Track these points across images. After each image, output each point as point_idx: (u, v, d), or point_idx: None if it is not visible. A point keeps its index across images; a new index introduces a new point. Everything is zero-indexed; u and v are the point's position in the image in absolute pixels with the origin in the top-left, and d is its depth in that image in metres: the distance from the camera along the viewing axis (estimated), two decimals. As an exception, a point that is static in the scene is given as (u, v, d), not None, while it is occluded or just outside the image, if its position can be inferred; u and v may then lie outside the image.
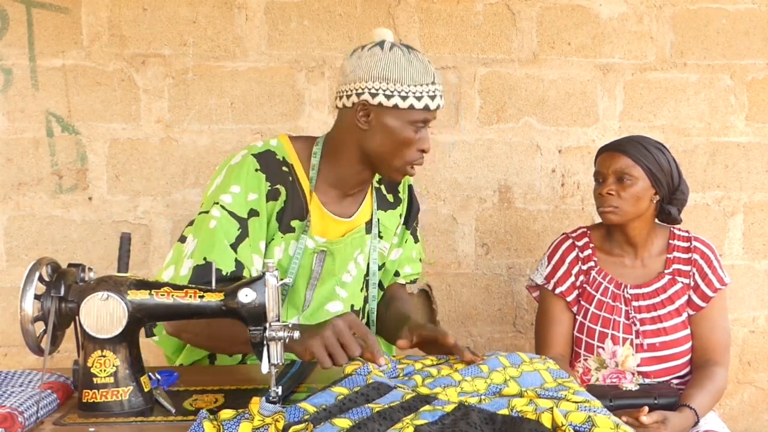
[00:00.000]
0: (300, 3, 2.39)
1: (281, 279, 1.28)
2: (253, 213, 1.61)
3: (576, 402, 1.22)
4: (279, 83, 2.39)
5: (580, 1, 2.50)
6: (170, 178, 2.38)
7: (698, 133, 2.57)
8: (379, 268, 1.81)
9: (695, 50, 2.55)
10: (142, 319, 1.29)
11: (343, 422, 1.07)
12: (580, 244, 2.04)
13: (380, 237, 1.78)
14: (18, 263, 2.34)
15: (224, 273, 1.55)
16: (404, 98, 1.55)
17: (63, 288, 1.27)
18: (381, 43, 1.60)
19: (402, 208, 1.85)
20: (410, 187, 1.88)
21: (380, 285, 1.85)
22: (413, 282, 1.94)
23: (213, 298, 1.30)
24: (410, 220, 1.87)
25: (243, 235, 1.59)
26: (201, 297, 1.30)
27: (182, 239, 1.68)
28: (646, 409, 1.75)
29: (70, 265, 1.33)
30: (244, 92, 2.38)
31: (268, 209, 1.63)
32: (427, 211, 2.44)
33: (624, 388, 1.86)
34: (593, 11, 2.51)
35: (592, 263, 2.01)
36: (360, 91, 1.57)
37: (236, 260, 1.57)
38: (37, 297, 1.25)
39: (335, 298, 1.71)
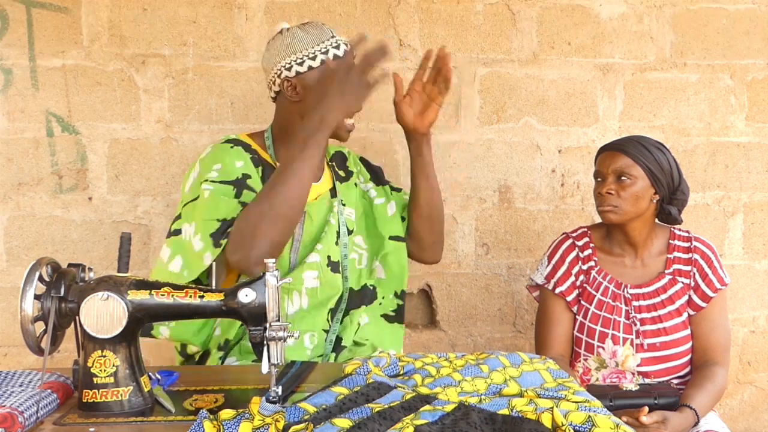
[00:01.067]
0: (300, 3, 2.39)
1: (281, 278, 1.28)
2: (245, 176, 1.72)
3: (576, 402, 1.22)
4: (279, 83, 2.39)
5: (580, 1, 2.50)
6: (170, 178, 2.38)
7: (698, 133, 2.57)
8: (350, 233, 1.89)
9: (695, 50, 2.55)
10: (142, 319, 1.29)
11: (343, 422, 1.07)
12: (580, 243, 2.04)
13: (342, 204, 1.89)
14: (18, 263, 2.34)
15: (234, 218, 1.63)
16: (313, 58, 1.75)
17: (63, 288, 1.27)
18: (280, 31, 1.81)
19: (358, 177, 1.98)
20: (362, 159, 2.05)
21: (397, 239, 1.95)
22: None
23: (213, 298, 1.30)
24: (381, 178, 2.03)
25: (240, 192, 1.68)
26: (201, 297, 1.30)
27: (175, 233, 1.71)
28: (646, 409, 1.75)
29: (70, 265, 1.33)
30: (244, 92, 2.38)
31: (258, 173, 1.75)
32: (427, 211, 2.44)
33: (624, 388, 1.86)
34: (593, 11, 2.51)
35: (592, 263, 2.01)
36: (278, 72, 1.77)
37: (240, 202, 1.65)
38: (37, 297, 1.25)
39: (313, 251, 1.79)
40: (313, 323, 1.79)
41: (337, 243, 1.83)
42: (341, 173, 1.96)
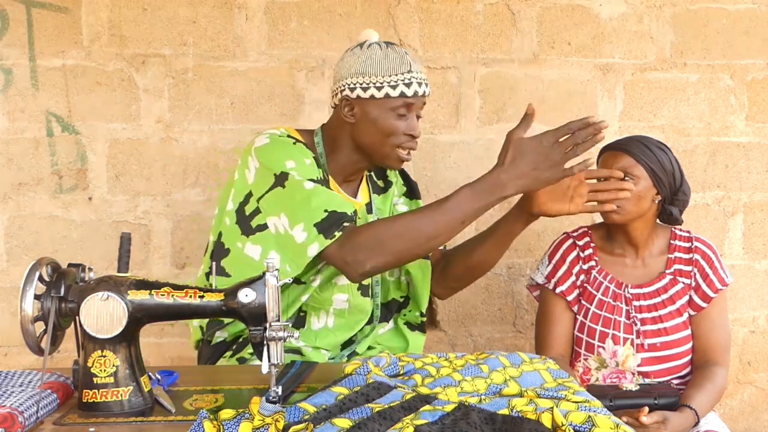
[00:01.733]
0: (300, 3, 2.39)
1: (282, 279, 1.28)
2: (320, 180, 1.69)
3: (576, 402, 1.22)
4: (279, 83, 2.39)
5: (580, 1, 2.50)
6: (170, 178, 2.37)
7: (698, 133, 2.57)
8: None
9: (695, 50, 2.54)
10: (142, 319, 1.29)
11: (343, 422, 1.07)
12: (581, 243, 2.04)
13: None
14: (18, 263, 2.34)
15: (349, 214, 1.60)
16: (379, 88, 1.67)
17: (63, 288, 1.27)
18: (362, 44, 1.73)
19: (395, 189, 1.93)
20: (402, 171, 1.96)
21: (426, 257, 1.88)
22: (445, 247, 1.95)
23: (213, 298, 1.30)
24: (414, 191, 1.96)
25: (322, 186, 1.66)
26: (201, 297, 1.30)
27: (259, 228, 1.66)
28: (647, 409, 1.75)
29: (70, 265, 1.33)
30: (244, 92, 2.38)
31: (320, 172, 1.72)
32: (427, 211, 2.44)
33: (624, 388, 1.86)
34: (593, 11, 2.50)
35: (593, 263, 2.01)
36: (342, 88, 1.71)
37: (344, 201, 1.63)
38: (37, 297, 1.25)
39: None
40: (335, 342, 1.78)
41: None
42: (380, 183, 1.92)
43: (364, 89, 1.68)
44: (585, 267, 2.01)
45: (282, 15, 2.38)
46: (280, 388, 1.25)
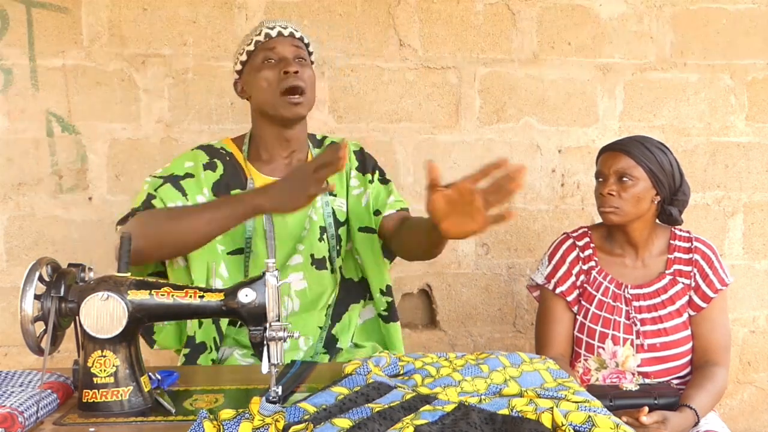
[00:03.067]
0: (300, 3, 2.39)
1: (277, 276, 1.28)
2: (188, 175, 1.73)
3: (576, 402, 1.22)
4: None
5: (580, 1, 2.50)
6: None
7: (698, 133, 2.57)
8: (343, 224, 1.86)
9: (695, 50, 2.55)
10: (142, 319, 1.29)
11: (343, 422, 1.07)
12: (580, 243, 2.04)
13: (333, 195, 1.85)
14: (18, 263, 2.34)
15: (134, 207, 1.66)
16: (241, 54, 1.78)
17: (63, 288, 1.27)
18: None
19: (349, 165, 1.89)
20: (358, 150, 1.92)
21: (366, 230, 1.85)
22: (405, 209, 1.87)
23: (213, 298, 1.30)
24: (366, 167, 1.90)
25: (162, 184, 1.69)
26: (201, 297, 1.30)
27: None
28: (646, 409, 1.75)
29: (70, 265, 1.33)
30: (244, 92, 2.38)
31: (206, 177, 1.74)
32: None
33: (624, 388, 1.86)
34: (593, 11, 2.51)
35: (592, 263, 2.01)
36: (233, 81, 1.84)
37: (148, 193, 1.67)
38: (37, 297, 1.25)
39: (295, 253, 1.78)
40: (306, 325, 1.78)
41: (321, 239, 1.81)
42: None
43: (236, 63, 1.81)
44: (585, 267, 2.01)
45: (282, 15, 2.38)
46: (280, 388, 1.25)
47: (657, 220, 2.02)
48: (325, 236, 1.82)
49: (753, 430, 2.67)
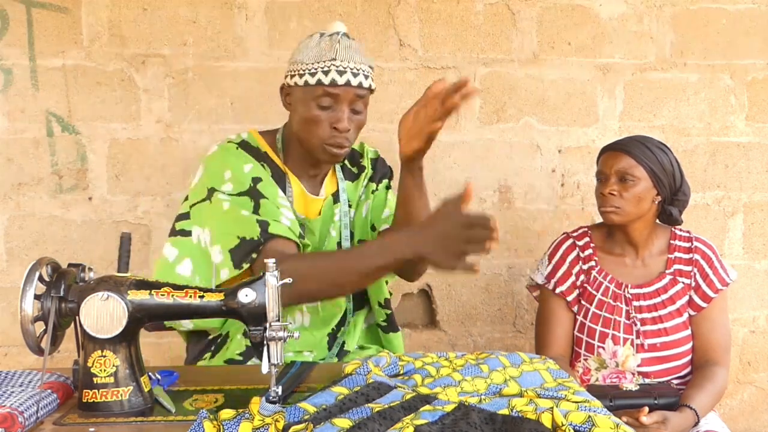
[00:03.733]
0: (300, 3, 2.39)
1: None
2: (256, 180, 1.66)
3: (576, 402, 1.22)
4: (279, 83, 2.37)
5: (580, 1, 2.50)
6: (170, 178, 2.37)
7: (698, 133, 2.57)
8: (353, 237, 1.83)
9: (695, 50, 2.54)
10: (142, 319, 1.29)
11: (343, 422, 1.07)
12: (580, 243, 2.03)
13: (350, 206, 1.82)
14: (18, 263, 2.34)
15: (252, 239, 1.58)
16: (301, 76, 1.63)
17: (63, 288, 1.27)
18: (312, 35, 1.69)
19: (366, 173, 1.86)
20: (377, 158, 1.90)
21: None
22: None
23: (213, 298, 1.30)
24: (377, 175, 1.87)
25: (257, 203, 1.63)
26: (201, 297, 1.30)
27: (182, 233, 1.69)
28: (646, 409, 1.75)
29: (70, 265, 1.33)
30: (244, 92, 2.38)
31: (268, 173, 1.69)
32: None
33: (624, 388, 1.86)
34: (593, 11, 2.50)
35: (592, 263, 2.01)
36: (284, 75, 1.70)
37: (258, 221, 1.60)
38: (37, 297, 1.25)
39: None
40: (314, 341, 1.76)
41: None
42: (354, 170, 1.87)
43: (292, 77, 1.65)
44: (585, 267, 2.01)
45: (282, 15, 2.38)
46: (280, 388, 1.24)
47: (657, 220, 2.02)
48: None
49: (753, 430, 2.67)
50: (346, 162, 1.85)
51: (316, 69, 1.61)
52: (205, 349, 1.74)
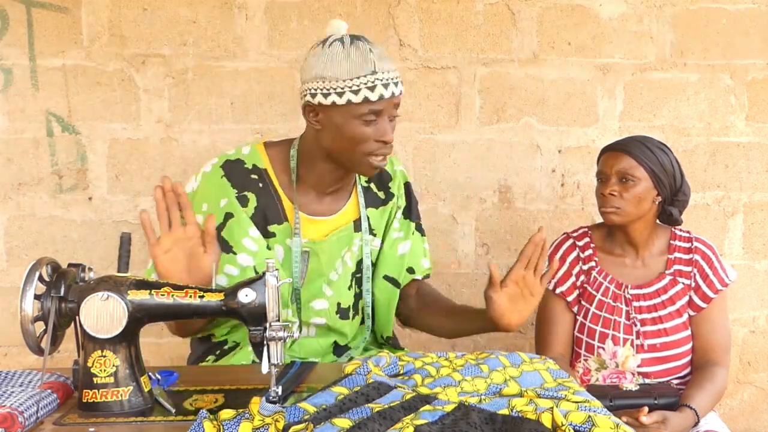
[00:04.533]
0: (300, 3, 2.39)
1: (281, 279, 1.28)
2: (228, 216, 1.64)
3: (576, 402, 1.22)
4: (279, 83, 2.39)
5: (580, 1, 2.50)
6: (170, 177, 2.37)
7: (698, 133, 2.57)
8: (373, 265, 1.78)
9: (695, 50, 2.54)
10: (142, 319, 1.29)
11: (343, 422, 1.07)
12: (580, 244, 2.03)
13: (373, 234, 1.76)
14: (18, 263, 2.34)
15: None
16: (340, 94, 1.52)
17: (63, 288, 1.27)
18: (326, 40, 1.58)
19: (396, 202, 1.81)
20: (407, 185, 1.86)
21: (392, 281, 1.79)
22: (427, 277, 1.87)
23: (213, 298, 1.30)
24: (412, 212, 1.83)
25: (220, 239, 1.62)
26: (201, 297, 1.30)
27: None
28: (646, 409, 1.75)
29: (70, 265, 1.33)
30: (244, 92, 2.38)
31: (244, 212, 1.65)
32: (427, 211, 2.44)
33: (624, 388, 1.86)
34: (593, 11, 2.50)
35: (592, 263, 2.01)
36: (305, 92, 1.58)
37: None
38: (37, 297, 1.25)
39: (321, 296, 1.70)
40: (319, 348, 1.74)
41: (350, 287, 1.73)
42: (380, 195, 1.79)
43: (325, 95, 1.53)
44: (585, 267, 2.01)
45: (282, 15, 2.38)
46: (280, 388, 1.25)
47: (657, 221, 2.02)
48: (352, 283, 1.74)
49: (753, 430, 2.67)
50: (372, 185, 1.78)
51: (359, 86, 1.51)
52: (210, 351, 1.74)
